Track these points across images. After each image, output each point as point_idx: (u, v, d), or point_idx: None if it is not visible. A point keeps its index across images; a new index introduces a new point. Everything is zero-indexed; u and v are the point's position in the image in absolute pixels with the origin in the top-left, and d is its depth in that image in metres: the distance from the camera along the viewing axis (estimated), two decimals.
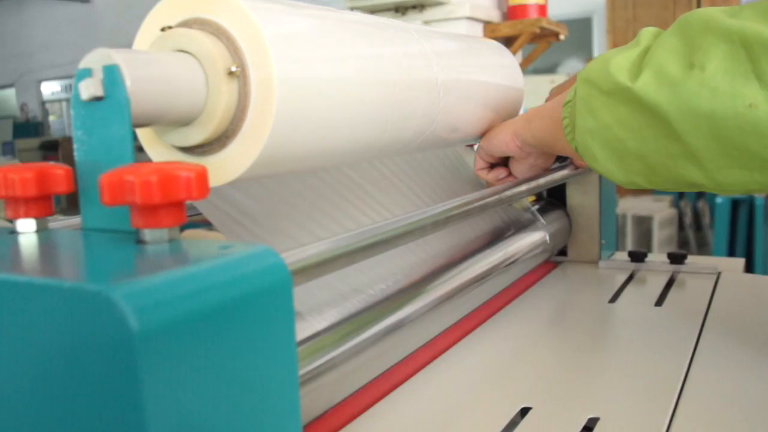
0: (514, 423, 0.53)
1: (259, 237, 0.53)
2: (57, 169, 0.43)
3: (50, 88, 9.90)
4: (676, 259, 0.96)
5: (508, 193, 0.68)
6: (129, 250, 0.36)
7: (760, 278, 0.93)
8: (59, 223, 0.54)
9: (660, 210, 4.03)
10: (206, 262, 0.33)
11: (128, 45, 0.50)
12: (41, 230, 0.44)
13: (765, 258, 3.49)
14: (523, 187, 0.73)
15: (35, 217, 0.43)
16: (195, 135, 0.47)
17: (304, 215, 0.58)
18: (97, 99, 0.41)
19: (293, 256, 0.39)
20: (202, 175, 0.37)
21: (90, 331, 0.29)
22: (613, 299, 0.84)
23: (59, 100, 10.03)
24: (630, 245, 3.85)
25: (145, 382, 0.28)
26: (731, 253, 3.64)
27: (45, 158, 8.12)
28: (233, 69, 0.45)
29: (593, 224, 1.00)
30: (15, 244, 0.40)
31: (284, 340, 0.36)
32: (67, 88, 9.65)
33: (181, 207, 0.38)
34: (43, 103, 9.99)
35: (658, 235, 3.92)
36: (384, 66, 0.58)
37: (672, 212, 4.19)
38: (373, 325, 0.55)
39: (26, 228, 0.43)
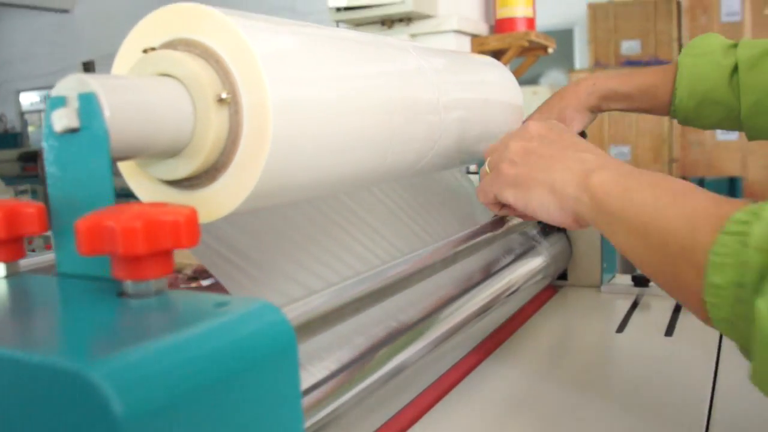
0: None
1: (251, 277, 0.49)
2: (28, 208, 0.38)
3: (29, 99, 9.77)
4: None
5: (516, 221, 0.64)
6: (110, 306, 0.32)
7: None
8: (31, 261, 0.50)
9: None
10: (201, 325, 0.28)
11: (108, 55, 0.46)
12: (11, 275, 0.39)
13: None
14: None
15: (4, 261, 0.39)
16: (182, 168, 0.43)
17: (299, 249, 0.54)
18: (73, 131, 0.37)
19: (296, 311, 0.35)
20: (191, 220, 0.33)
21: (68, 412, 0.24)
22: (620, 328, 0.80)
23: (38, 111, 9.90)
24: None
25: None
26: None
27: (23, 170, 8.01)
28: (223, 96, 0.41)
29: (594, 248, 0.97)
30: None
31: (289, 404, 0.32)
32: (46, 99, 9.52)
33: (169, 256, 0.33)
34: (21, 113, 9.85)
35: None
36: (383, 86, 0.54)
37: None
38: (376, 370, 0.51)
39: None
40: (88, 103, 0.36)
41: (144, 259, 0.32)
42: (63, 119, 0.36)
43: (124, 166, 0.46)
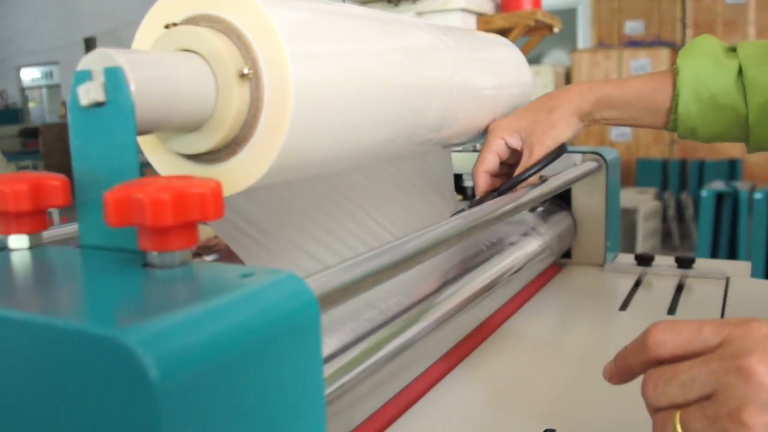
0: None
1: (268, 249, 0.50)
2: (52, 181, 0.39)
3: (30, 75, 9.75)
4: (683, 263, 0.94)
5: (526, 199, 0.64)
6: (136, 276, 0.33)
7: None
8: (53, 232, 0.51)
9: (644, 202, 4.03)
10: (229, 295, 0.29)
11: (110, 32, 0.46)
12: (35, 247, 0.40)
13: (748, 251, 3.49)
14: (536, 193, 0.70)
15: (28, 233, 0.40)
16: (203, 142, 0.43)
17: (314, 224, 0.55)
18: (98, 104, 0.37)
19: (318, 281, 0.36)
20: (217, 193, 0.33)
21: (102, 379, 0.25)
22: (624, 306, 0.81)
23: (39, 87, 9.88)
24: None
25: None
26: (715, 245, 3.65)
27: (24, 145, 8.00)
28: (245, 71, 0.42)
29: (599, 226, 0.97)
30: (7, 265, 0.36)
31: (311, 373, 0.33)
32: (47, 75, 9.50)
33: (194, 228, 0.34)
34: (22, 89, 9.84)
35: (642, 227, 3.91)
36: (400, 63, 0.55)
37: (656, 204, 4.19)
38: (387, 344, 0.52)
39: (18, 244, 0.39)
40: (114, 78, 0.37)
41: (171, 230, 0.33)
42: (89, 93, 0.37)
43: (143, 141, 0.46)
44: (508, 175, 0.74)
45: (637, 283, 0.90)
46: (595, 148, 0.97)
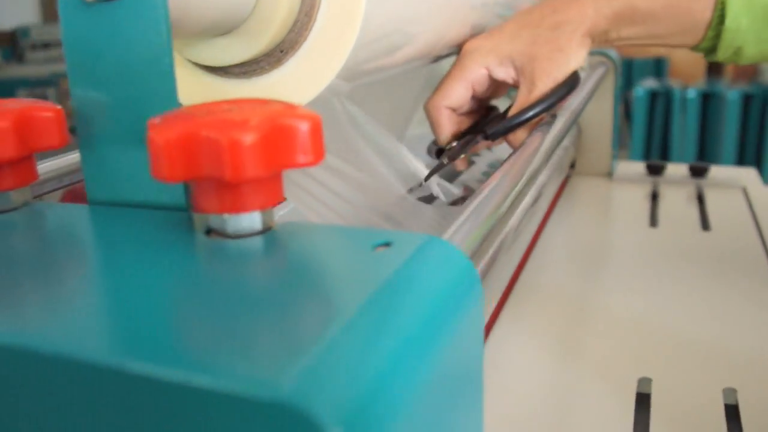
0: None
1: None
2: (43, 111, 0.27)
3: None
4: (697, 172, 0.87)
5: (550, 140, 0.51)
6: (210, 255, 0.22)
7: None
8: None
9: None
10: (384, 284, 0.19)
11: None
12: (22, 206, 0.28)
13: (681, 151, 3.51)
14: (556, 129, 0.55)
15: (14, 188, 0.28)
16: (239, 49, 0.32)
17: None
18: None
19: (460, 238, 0.25)
20: (317, 126, 0.23)
21: None
22: (653, 223, 0.74)
23: None
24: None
25: None
26: (648, 144, 3.66)
27: None
28: None
29: (605, 132, 0.89)
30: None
31: (476, 352, 0.23)
32: None
33: (279, 179, 0.24)
34: None
35: None
36: None
37: None
38: None
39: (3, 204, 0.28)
40: None
41: (256, 182, 0.22)
42: None
43: None
44: (476, 115, 0.56)
45: (654, 196, 0.83)
46: (598, 49, 0.88)
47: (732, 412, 0.43)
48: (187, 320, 0.18)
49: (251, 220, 0.23)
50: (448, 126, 0.53)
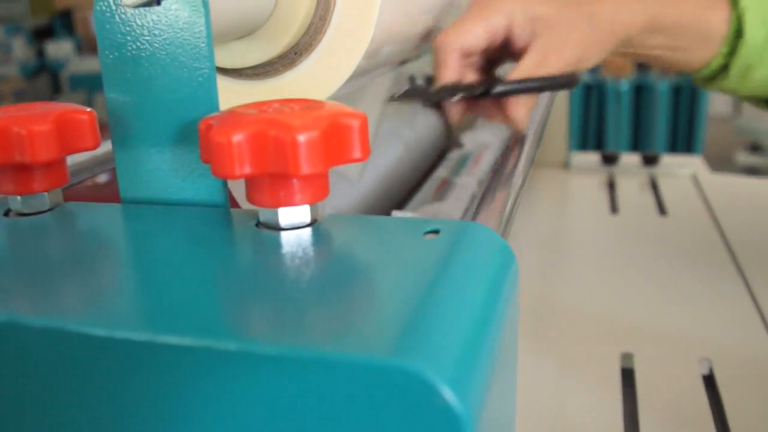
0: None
1: None
2: (78, 114, 0.28)
3: None
4: (649, 160, 0.91)
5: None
6: (272, 249, 0.23)
7: (733, 179, 0.90)
8: None
9: None
10: (456, 275, 0.21)
11: None
12: (55, 207, 0.29)
13: (616, 142, 3.61)
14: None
15: (47, 189, 0.29)
16: (256, 52, 0.33)
17: None
18: (148, 4, 0.26)
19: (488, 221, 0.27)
20: (365, 124, 0.24)
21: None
22: (613, 210, 0.77)
23: None
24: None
25: None
26: (585, 134, 3.75)
27: None
28: None
29: (561, 123, 0.92)
30: (41, 241, 0.26)
31: (516, 323, 0.25)
32: None
33: (327, 174, 0.25)
34: None
35: None
36: None
37: None
38: None
39: (36, 206, 0.28)
40: None
41: (308, 178, 0.24)
42: None
43: None
44: (480, 70, 0.49)
45: (611, 184, 0.86)
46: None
47: (708, 381, 0.46)
48: (280, 303, 0.19)
49: (302, 212, 0.25)
50: (455, 70, 0.46)
